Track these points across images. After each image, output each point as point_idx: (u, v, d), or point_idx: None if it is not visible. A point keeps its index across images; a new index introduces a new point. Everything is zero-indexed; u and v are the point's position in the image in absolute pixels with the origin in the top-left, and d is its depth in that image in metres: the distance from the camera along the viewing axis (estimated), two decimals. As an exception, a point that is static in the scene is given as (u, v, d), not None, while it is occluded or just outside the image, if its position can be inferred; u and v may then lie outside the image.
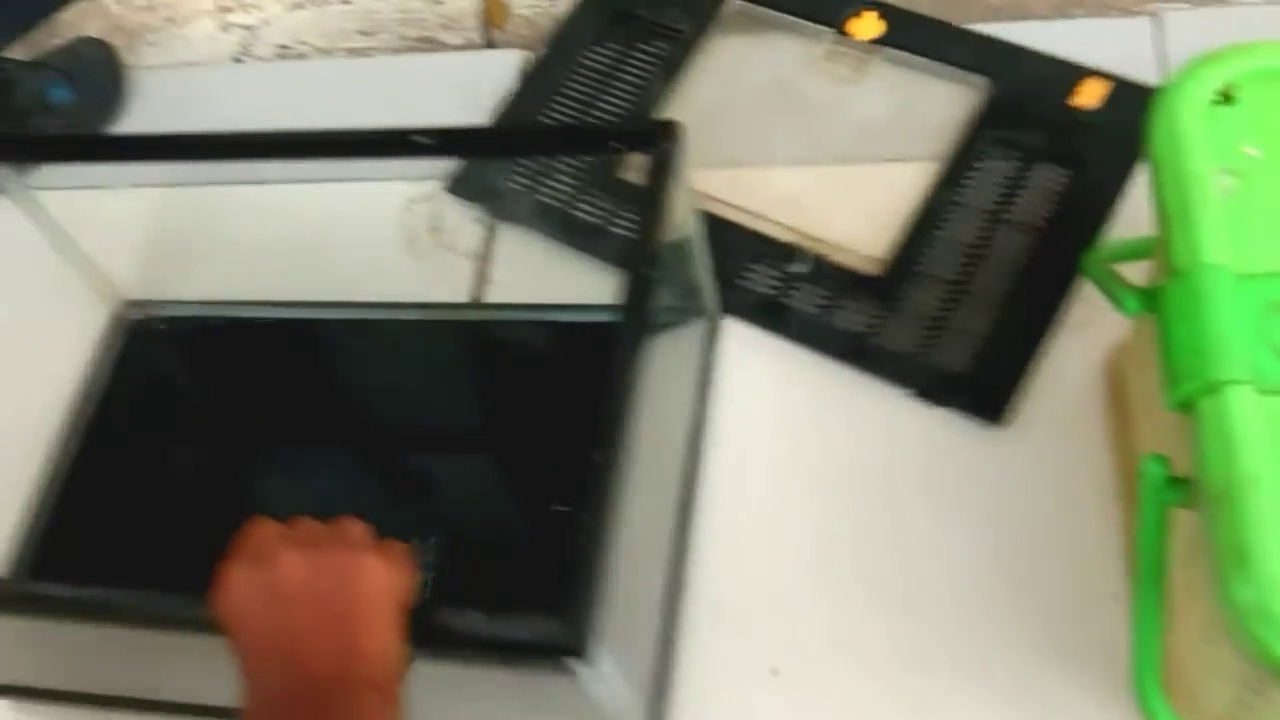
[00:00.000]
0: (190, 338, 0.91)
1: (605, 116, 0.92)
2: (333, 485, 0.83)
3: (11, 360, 0.86)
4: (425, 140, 0.68)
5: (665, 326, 0.72)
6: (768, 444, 0.78)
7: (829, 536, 0.74)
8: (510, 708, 0.66)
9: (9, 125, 1.05)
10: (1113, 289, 0.62)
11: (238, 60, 1.08)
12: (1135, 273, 0.63)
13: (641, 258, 0.62)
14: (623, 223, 0.87)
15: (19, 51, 1.14)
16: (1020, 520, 0.73)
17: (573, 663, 0.52)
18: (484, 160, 0.92)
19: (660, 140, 0.65)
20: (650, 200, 0.64)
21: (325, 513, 0.57)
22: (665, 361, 0.70)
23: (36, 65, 1.08)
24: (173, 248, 0.93)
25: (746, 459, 0.78)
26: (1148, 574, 0.55)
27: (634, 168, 0.89)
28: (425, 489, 0.84)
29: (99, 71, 1.08)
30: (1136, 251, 0.65)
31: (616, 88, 0.94)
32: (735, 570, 0.74)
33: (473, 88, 0.98)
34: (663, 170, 0.64)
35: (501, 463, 0.83)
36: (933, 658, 0.69)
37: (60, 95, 1.06)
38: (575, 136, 0.71)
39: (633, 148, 0.66)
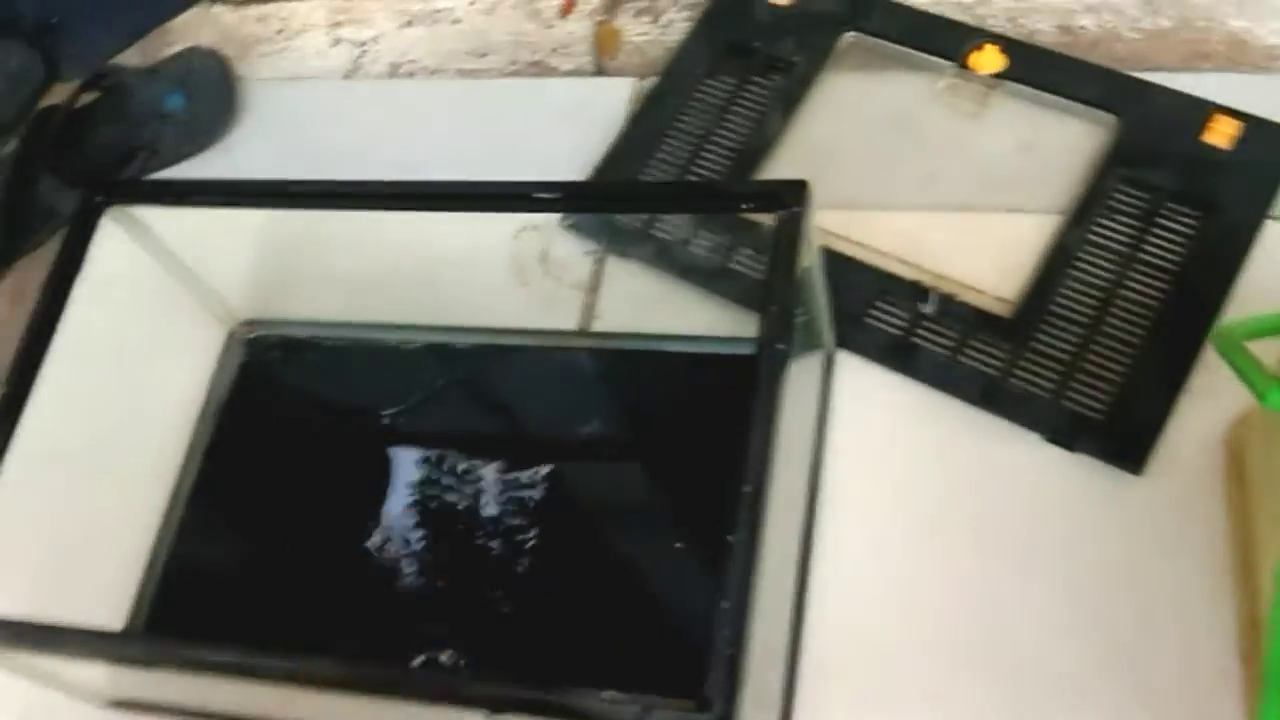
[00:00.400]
0: (303, 359, 0.93)
1: (721, 152, 0.92)
2: (435, 515, 0.84)
3: (132, 383, 0.87)
4: (549, 196, 0.68)
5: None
6: (883, 486, 0.78)
7: (940, 584, 0.74)
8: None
9: (124, 132, 1.07)
10: (1250, 375, 0.60)
11: (348, 76, 1.09)
12: (1271, 349, 0.62)
13: (773, 330, 0.61)
14: (739, 259, 0.86)
15: (131, 59, 1.16)
16: (1133, 579, 0.72)
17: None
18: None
19: (789, 202, 0.65)
20: (778, 264, 0.63)
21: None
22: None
23: (151, 72, 1.10)
24: (286, 269, 0.94)
25: (861, 500, 0.77)
26: (1274, 677, 0.54)
27: (749, 203, 0.89)
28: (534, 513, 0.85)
29: (211, 82, 1.09)
30: (1276, 328, 0.63)
31: (731, 122, 0.93)
32: (847, 622, 0.74)
33: (582, 115, 0.99)
34: (792, 232, 0.64)
35: (613, 493, 0.83)
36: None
37: (175, 104, 1.08)
38: (702, 195, 0.71)
39: (761, 208, 0.65)
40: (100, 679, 0.77)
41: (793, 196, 0.64)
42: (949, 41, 0.92)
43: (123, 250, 0.81)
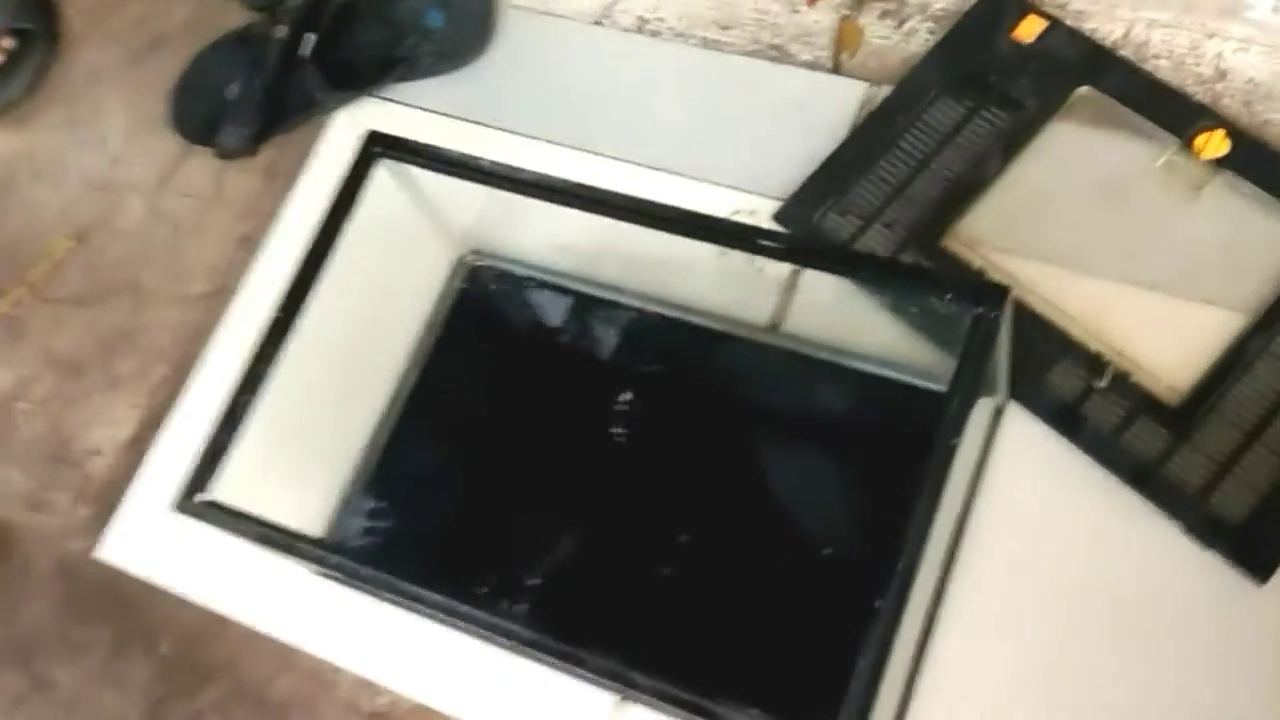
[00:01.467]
0: (517, 294, 1.02)
1: (935, 180, 0.96)
2: (602, 466, 0.94)
3: (369, 297, 0.98)
4: (770, 244, 0.75)
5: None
6: (1024, 542, 0.84)
7: (1056, 652, 0.81)
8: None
9: (385, 39, 1.15)
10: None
11: (597, 22, 1.15)
12: None
13: (951, 423, 0.67)
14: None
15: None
16: (1239, 681, 0.78)
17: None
18: (813, 196, 0.98)
19: (989, 306, 0.70)
20: (968, 359, 0.69)
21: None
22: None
23: (416, -15, 1.17)
24: (515, 210, 1.02)
25: (1000, 549, 0.84)
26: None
27: (956, 237, 0.94)
28: (688, 489, 0.94)
29: (472, 4, 1.16)
30: None
31: (952, 151, 0.97)
32: (963, 669, 0.82)
33: (811, 109, 1.03)
34: (988, 334, 0.69)
35: (773, 492, 0.92)
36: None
37: (435, 20, 1.15)
38: (908, 275, 0.76)
39: (960, 303, 0.70)
40: (310, 555, 0.89)
41: (993, 302, 0.70)
42: (1179, 116, 0.94)
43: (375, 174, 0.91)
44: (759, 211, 1.00)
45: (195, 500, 0.75)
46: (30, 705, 1.35)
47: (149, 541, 0.98)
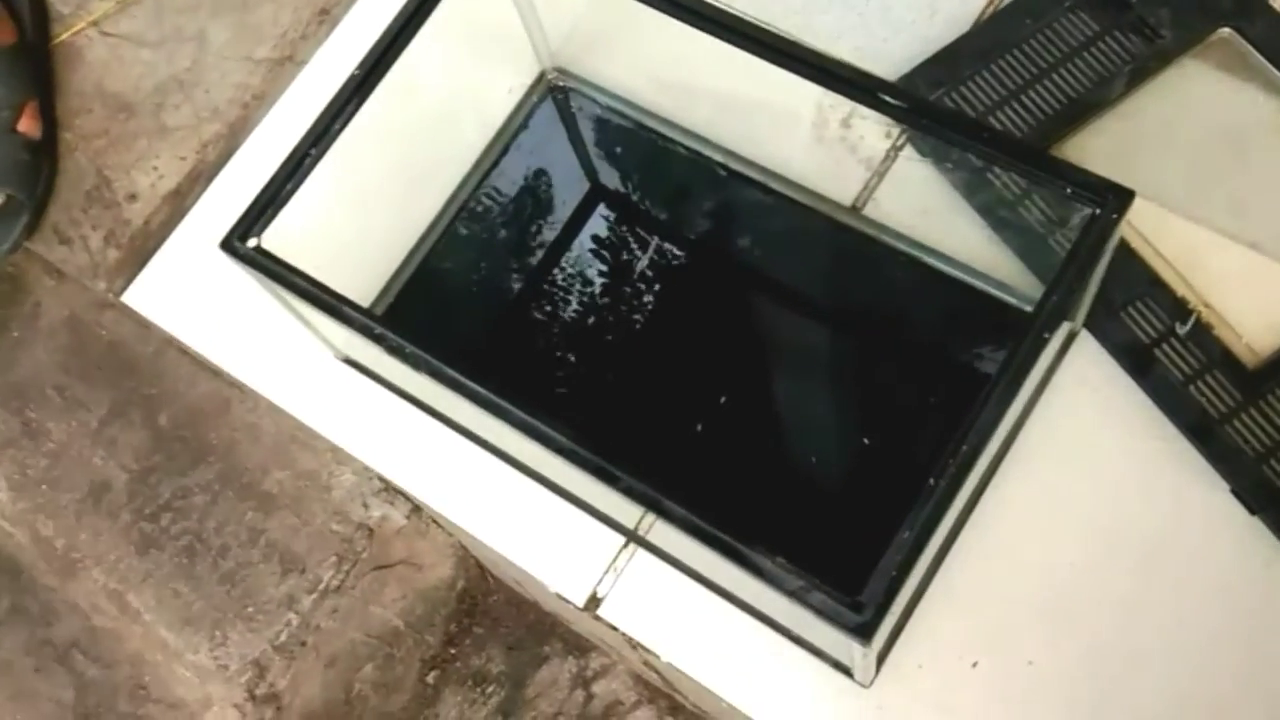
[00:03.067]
0: (596, 121, 0.98)
1: (1052, 93, 0.92)
2: (648, 315, 0.91)
3: (442, 100, 0.93)
4: (889, 100, 0.71)
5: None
6: (1068, 473, 0.82)
7: (1081, 580, 0.79)
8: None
9: None
10: None
11: None
12: None
13: (1045, 321, 0.64)
14: (1030, 205, 0.88)
15: None
16: (1262, 655, 0.76)
17: (856, 643, 0.59)
18: (926, 82, 0.93)
19: (1111, 206, 0.66)
20: (1074, 260, 0.66)
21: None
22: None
23: None
24: (614, 37, 0.98)
25: (1043, 476, 0.82)
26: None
27: (1063, 153, 0.90)
28: (734, 354, 0.91)
29: None
30: None
31: (1075, 68, 0.93)
32: (984, 572, 0.80)
33: (942, -2, 0.98)
34: (1101, 236, 0.66)
35: (823, 373, 0.89)
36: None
37: None
38: (1030, 157, 0.71)
39: (1080, 198, 0.67)
40: (341, 337, 0.87)
41: (1116, 202, 0.66)
42: (1320, 78, 0.90)
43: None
44: (861, 90, 0.95)
45: (245, 244, 0.71)
46: (17, 450, 1.33)
47: (177, 294, 0.95)
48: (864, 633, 0.59)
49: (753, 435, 0.87)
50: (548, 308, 0.93)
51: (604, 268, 0.94)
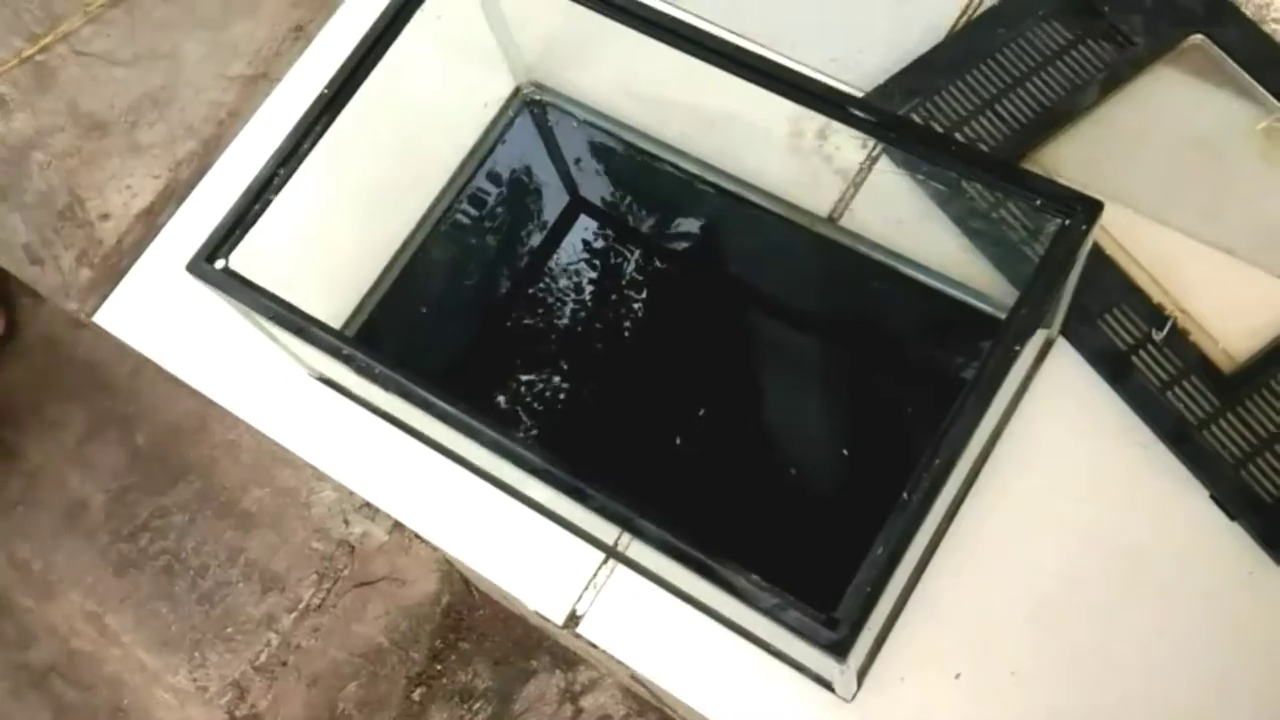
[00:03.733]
0: (572, 134, 0.97)
1: (1026, 102, 0.92)
2: (627, 329, 0.90)
3: (417, 115, 0.93)
4: (860, 115, 0.70)
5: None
6: (1047, 480, 0.82)
7: (1061, 588, 0.79)
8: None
9: None
10: None
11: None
12: None
13: (1015, 333, 0.64)
14: (1005, 212, 0.88)
15: None
16: (1239, 656, 0.76)
17: (831, 660, 0.59)
18: (900, 93, 0.93)
19: (1080, 218, 0.66)
20: (1044, 271, 0.66)
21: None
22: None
23: None
24: (589, 50, 0.97)
25: (1022, 483, 0.82)
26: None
27: (1036, 162, 0.90)
28: (713, 367, 0.91)
29: None
30: None
31: (1048, 76, 0.93)
32: (965, 583, 0.79)
33: (912, 4, 0.98)
34: (1071, 247, 0.66)
35: (801, 384, 0.88)
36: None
37: None
38: (999, 171, 0.71)
39: (1049, 210, 0.67)
40: (312, 355, 0.86)
41: (1085, 213, 0.66)
42: (1291, 83, 0.90)
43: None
44: (837, 100, 0.95)
45: (212, 265, 0.71)
46: (-7, 470, 1.31)
47: (150, 313, 0.95)
48: (839, 650, 0.58)
49: (731, 448, 0.86)
50: (525, 322, 0.93)
51: (582, 280, 0.94)
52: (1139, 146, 0.91)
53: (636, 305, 0.93)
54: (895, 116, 0.74)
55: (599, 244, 0.95)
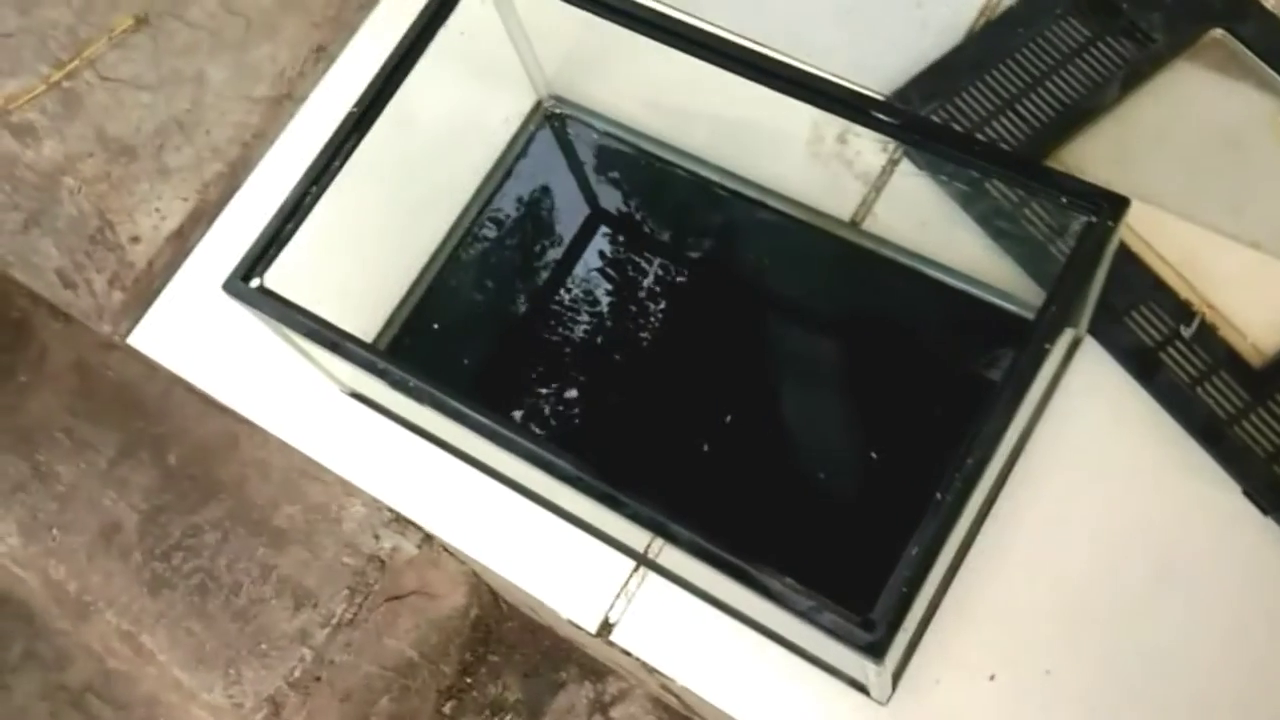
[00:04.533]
0: (594, 147, 0.98)
1: (1047, 101, 0.92)
2: (654, 338, 0.91)
3: (440, 131, 0.94)
4: (882, 117, 0.71)
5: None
6: (1079, 479, 0.82)
7: (1095, 587, 0.79)
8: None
9: None
10: None
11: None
12: None
13: (1045, 329, 0.64)
14: (1030, 214, 0.88)
15: None
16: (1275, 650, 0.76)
17: (868, 661, 0.59)
18: (920, 96, 0.94)
19: (1106, 214, 0.66)
20: (1072, 268, 0.66)
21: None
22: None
23: None
24: (609, 63, 0.98)
25: (1053, 484, 0.82)
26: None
27: (1059, 161, 0.90)
28: (739, 373, 0.91)
29: None
30: None
31: (1068, 75, 0.93)
32: (998, 582, 0.79)
33: (930, 7, 0.99)
34: (1098, 244, 0.66)
35: (828, 389, 0.89)
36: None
37: None
38: (1024, 169, 0.72)
39: (1075, 207, 0.67)
40: (346, 372, 0.87)
41: (1111, 210, 0.66)
42: (1314, 75, 0.90)
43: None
44: (856, 105, 0.95)
45: (248, 284, 0.72)
46: (28, 494, 1.33)
47: (183, 334, 0.96)
48: (876, 651, 0.59)
49: (760, 453, 0.87)
50: (552, 333, 0.93)
51: (606, 291, 0.95)
52: (1161, 143, 0.91)
53: (660, 314, 0.93)
54: (916, 117, 0.75)
55: (621, 254, 0.95)
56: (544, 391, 0.91)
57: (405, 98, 0.81)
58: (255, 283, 0.72)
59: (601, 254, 0.96)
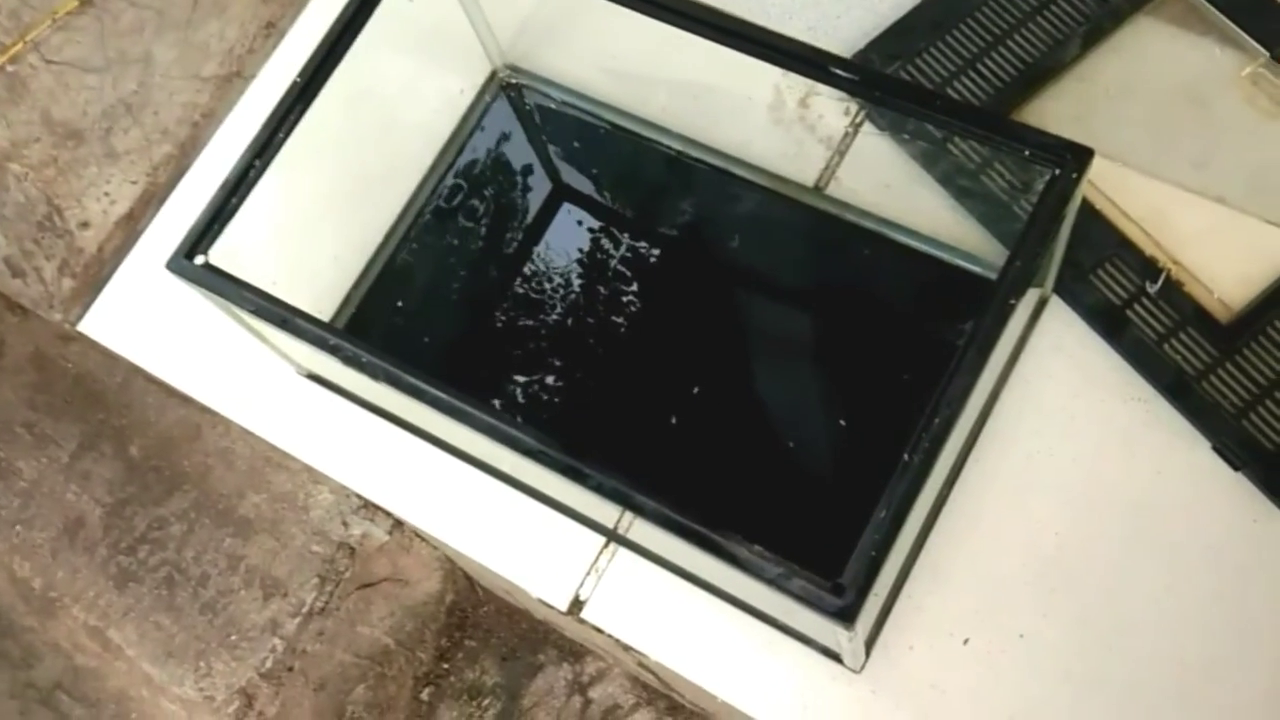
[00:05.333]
0: (551, 117, 0.96)
1: (1008, 60, 0.91)
2: (617, 310, 0.89)
3: (393, 104, 0.92)
4: (843, 74, 0.69)
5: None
6: (1047, 437, 0.81)
7: (1066, 544, 0.78)
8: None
9: None
10: None
11: None
12: None
13: (1011, 284, 0.63)
14: (993, 173, 0.87)
15: None
16: (1246, 603, 0.75)
17: (839, 627, 0.58)
18: (881, 56, 0.92)
19: (1071, 166, 0.65)
20: (1037, 221, 0.65)
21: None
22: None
23: None
24: (566, 32, 0.96)
25: (1022, 443, 0.81)
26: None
27: (1023, 119, 0.89)
28: (705, 343, 0.90)
29: None
30: None
31: (1030, 33, 0.92)
32: (969, 544, 0.78)
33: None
34: (1062, 195, 0.65)
35: (795, 357, 0.87)
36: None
37: None
38: (986, 122, 0.70)
39: (1039, 159, 0.66)
40: (301, 352, 0.85)
41: (1076, 161, 0.65)
42: (1274, 29, 0.89)
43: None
44: (816, 69, 0.94)
45: (192, 262, 0.70)
46: (-13, 490, 1.30)
47: (135, 319, 0.93)
48: (846, 616, 0.58)
49: (728, 423, 0.85)
50: (515, 307, 0.92)
51: (569, 264, 0.93)
52: (1124, 99, 0.90)
53: (624, 286, 0.92)
54: (878, 74, 0.73)
55: (584, 226, 0.94)
56: (509, 367, 0.89)
57: (353, 68, 0.79)
58: (200, 259, 0.70)
59: (562, 226, 0.94)
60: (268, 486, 1.24)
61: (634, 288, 0.91)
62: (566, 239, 0.94)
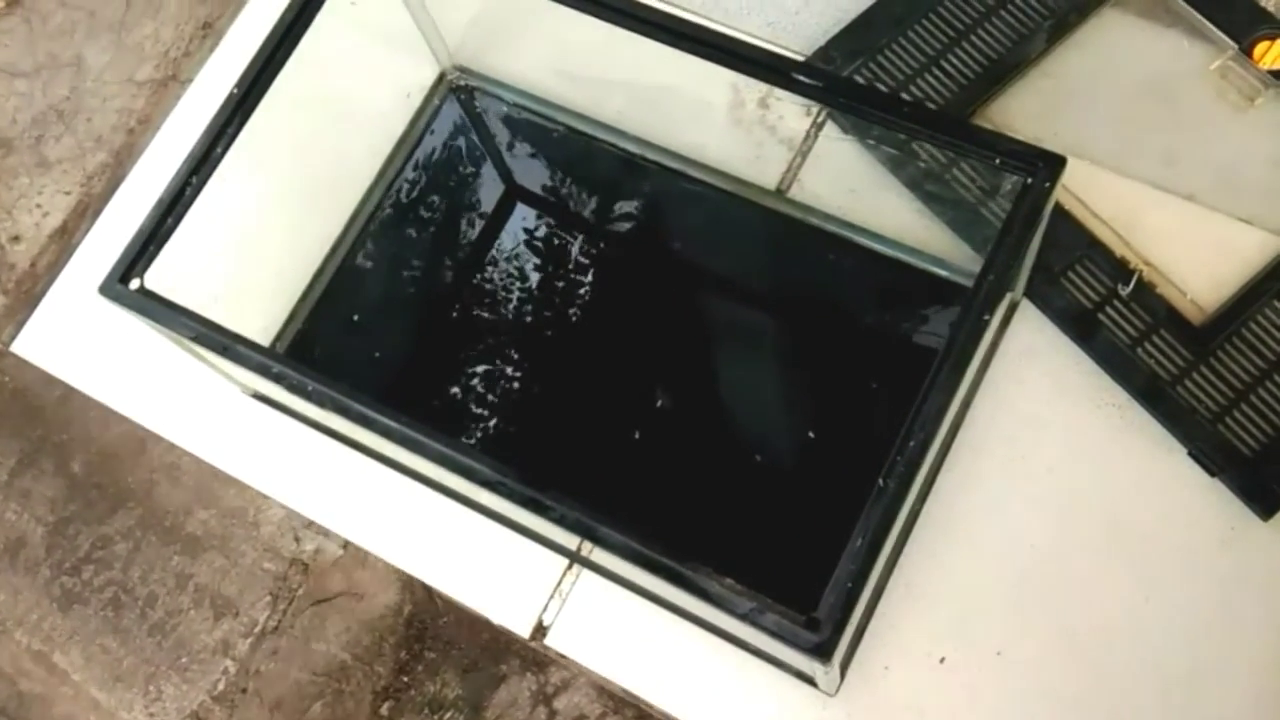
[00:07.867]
0: (504, 119, 0.93)
1: (972, 56, 0.89)
2: (573, 319, 0.86)
3: (338, 110, 0.88)
4: (805, 80, 0.67)
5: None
6: (1021, 442, 0.79)
7: (1041, 553, 0.76)
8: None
9: None
10: None
11: None
12: None
13: (983, 302, 0.61)
14: (958, 174, 0.85)
15: None
16: (1223, 606, 0.74)
17: (815, 662, 0.55)
18: (841, 55, 0.90)
19: (1043, 174, 0.63)
20: (1010, 232, 0.63)
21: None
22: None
23: None
24: (517, 32, 0.93)
25: (996, 448, 0.79)
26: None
27: (987, 118, 0.87)
28: (666, 354, 0.87)
29: None
30: None
31: (995, 26, 0.90)
32: (944, 559, 0.76)
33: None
34: (1036, 205, 0.62)
35: (759, 367, 0.85)
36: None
37: None
38: (957, 129, 0.68)
39: (1010, 167, 0.63)
40: (243, 374, 0.81)
41: (1048, 170, 0.63)
42: (1241, 21, 0.87)
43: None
44: (776, 67, 0.91)
45: (126, 286, 0.66)
46: (-77, 511, 1.25)
47: (71, 340, 0.89)
48: (823, 652, 0.55)
49: (692, 438, 0.82)
50: (467, 319, 0.88)
51: (525, 272, 0.90)
52: (1091, 95, 0.88)
53: (582, 294, 0.88)
54: (839, 79, 0.71)
55: (539, 231, 0.91)
56: (464, 381, 0.86)
57: (294, 75, 0.75)
58: (135, 284, 0.66)
59: (517, 233, 0.91)
60: (216, 502, 1.19)
61: (591, 295, 0.88)
62: (521, 244, 0.90)
